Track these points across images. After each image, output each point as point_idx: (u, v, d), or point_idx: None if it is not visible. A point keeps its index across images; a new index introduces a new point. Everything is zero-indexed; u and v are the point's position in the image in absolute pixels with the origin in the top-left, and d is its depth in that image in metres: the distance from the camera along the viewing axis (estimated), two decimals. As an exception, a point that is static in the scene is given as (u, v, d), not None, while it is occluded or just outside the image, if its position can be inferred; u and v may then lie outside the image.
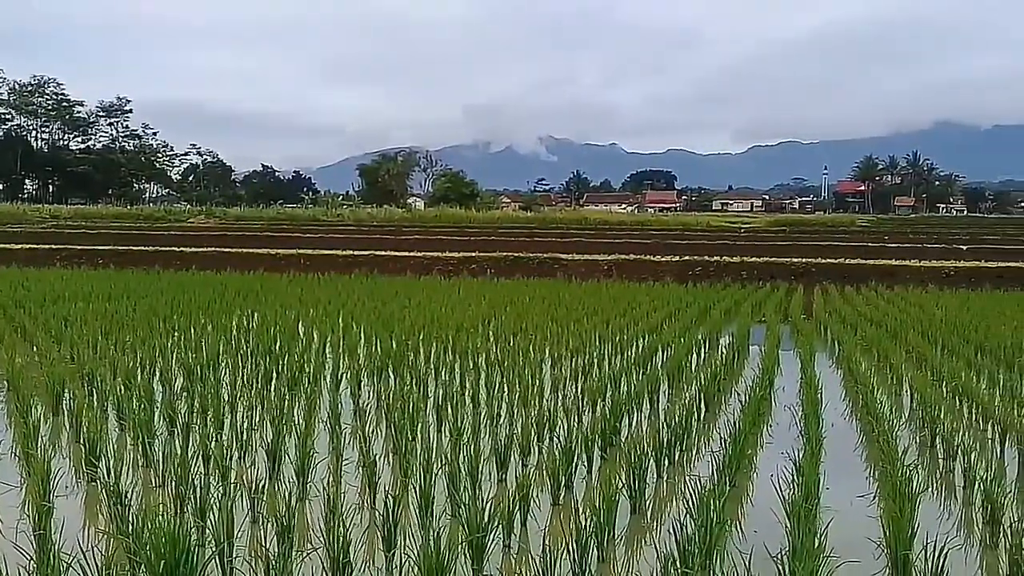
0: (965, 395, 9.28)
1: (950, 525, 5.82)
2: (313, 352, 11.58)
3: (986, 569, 5.15)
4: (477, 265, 27.13)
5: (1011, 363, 11.24)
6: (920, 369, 11.19)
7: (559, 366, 10.98)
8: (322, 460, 6.50)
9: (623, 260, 26.94)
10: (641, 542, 5.38)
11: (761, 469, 6.97)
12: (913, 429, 8.40)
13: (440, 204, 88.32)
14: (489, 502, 5.06)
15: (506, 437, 6.91)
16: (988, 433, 8.08)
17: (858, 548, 5.09)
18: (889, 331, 14.30)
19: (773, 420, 8.75)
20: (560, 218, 73.14)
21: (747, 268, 25.63)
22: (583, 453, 6.78)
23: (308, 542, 4.98)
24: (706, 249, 30.18)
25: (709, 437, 8.01)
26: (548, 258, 27.61)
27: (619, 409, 8.13)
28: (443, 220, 66.75)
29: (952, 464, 7.07)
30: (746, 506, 6.25)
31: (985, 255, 27.71)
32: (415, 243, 34.38)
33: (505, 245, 32.41)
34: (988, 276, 23.16)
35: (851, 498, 6.19)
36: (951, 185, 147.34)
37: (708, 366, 10.94)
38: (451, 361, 10.97)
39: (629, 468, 6.00)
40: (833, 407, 9.12)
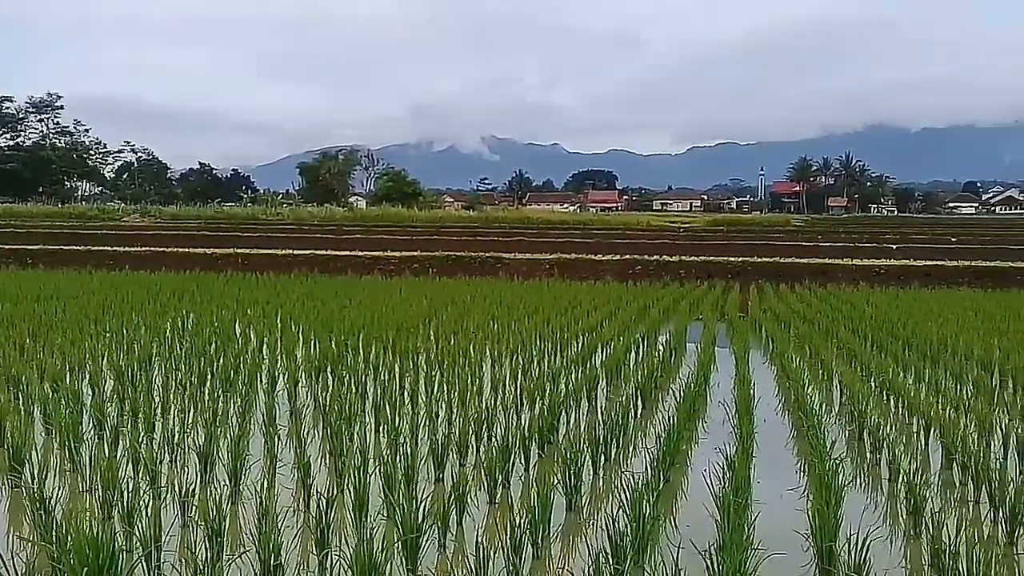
0: (892, 390, 9.54)
1: (875, 517, 5.98)
2: (249, 353, 11.41)
3: (909, 559, 5.30)
4: (419, 264, 27.05)
5: (936, 359, 11.59)
6: (850, 365, 11.47)
7: (499, 365, 11.02)
8: (256, 462, 6.42)
9: (565, 259, 27.10)
10: (576, 539, 5.43)
11: (695, 465, 7.08)
12: (842, 423, 8.61)
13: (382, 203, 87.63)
14: (424, 502, 5.05)
15: (444, 437, 6.91)
16: (913, 427, 8.32)
17: (786, 540, 5.20)
18: (821, 328, 14.63)
19: (708, 416, 8.89)
20: (503, 217, 73.15)
21: (686, 267, 25.98)
22: (520, 451, 6.81)
23: (240, 545, 4.92)
24: (646, 248, 30.51)
25: (645, 434, 8.11)
26: (490, 257, 27.64)
27: (557, 407, 8.19)
28: (385, 219, 66.28)
29: (878, 457, 7.27)
30: (680, 501, 6.35)
31: (914, 254, 28.49)
32: (356, 242, 34.14)
33: (447, 244, 32.35)
34: (916, 274, 23.83)
35: (781, 492, 6.33)
36: (882, 186, 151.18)
37: (646, 364, 11.07)
38: (390, 361, 10.92)
39: (565, 466, 6.05)
40: (766, 403, 9.30)
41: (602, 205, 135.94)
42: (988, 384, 9.94)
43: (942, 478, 6.93)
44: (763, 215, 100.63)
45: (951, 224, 71.72)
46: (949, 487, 6.70)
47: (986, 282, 22.81)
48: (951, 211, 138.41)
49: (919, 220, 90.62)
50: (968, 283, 22.86)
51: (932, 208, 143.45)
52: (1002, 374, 10.59)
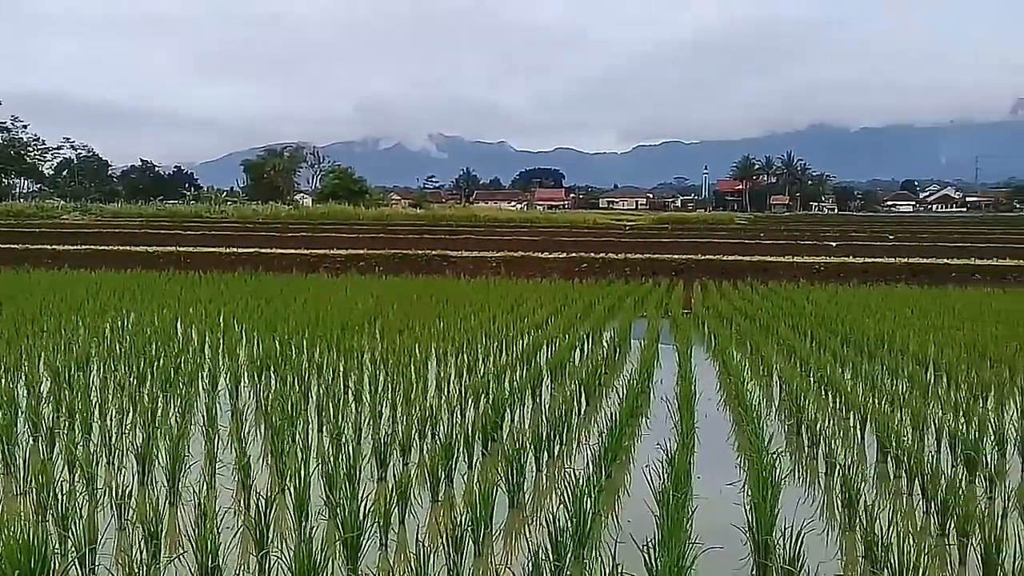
0: (830, 385, 9.75)
1: (812, 510, 6.11)
2: (191, 353, 11.25)
3: (844, 551, 5.43)
4: (365, 263, 26.88)
5: (873, 354, 11.87)
6: (789, 361, 11.70)
7: (444, 363, 11.01)
8: (195, 463, 6.34)
9: (511, 257, 27.14)
10: (519, 536, 5.46)
11: (637, 460, 7.16)
12: (781, 418, 8.77)
13: (328, 201, 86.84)
14: (364, 500, 5.04)
15: (387, 435, 6.89)
16: (850, 421, 8.51)
17: (724, 534, 5.29)
18: (762, 325, 14.88)
19: (651, 412, 9.00)
20: (450, 215, 72.96)
21: (631, 264, 26.20)
22: (464, 450, 6.82)
23: (178, 547, 4.86)
24: (592, 246, 30.71)
25: (589, 431, 8.18)
26: (437, 255, 27.58)
27: (501, 405, 8.22)
28: (331, 217, 65.65)
29: (816, 451, 7.43)
30: (622, 497, 6.42)
31: (853, 251, 29.12)
32: (302, 240, 33.78)
33: (394, 243, 32.20)
34: (855, 271, 24.37)
35: (720, 486, 6.43)
36: (823, 184, 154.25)
37: (590, 361, 11.16)
38: (335, 360, 10.84)
39: (508, 463, 6.08)
40: (708, 398, 9.44)
41: (549, 203, 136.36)
42: (923, 379, 10.21)
43: (877, 471, 7.11)
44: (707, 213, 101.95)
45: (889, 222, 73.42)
46: (884, 480, 6.88)
47: (922, 279, 23.41)
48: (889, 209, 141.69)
49: (858, 218, 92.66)
50: (905, 280, 23.44)
51: (871, 206, 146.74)
52: (936, 369, 10.88)
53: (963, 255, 27.11)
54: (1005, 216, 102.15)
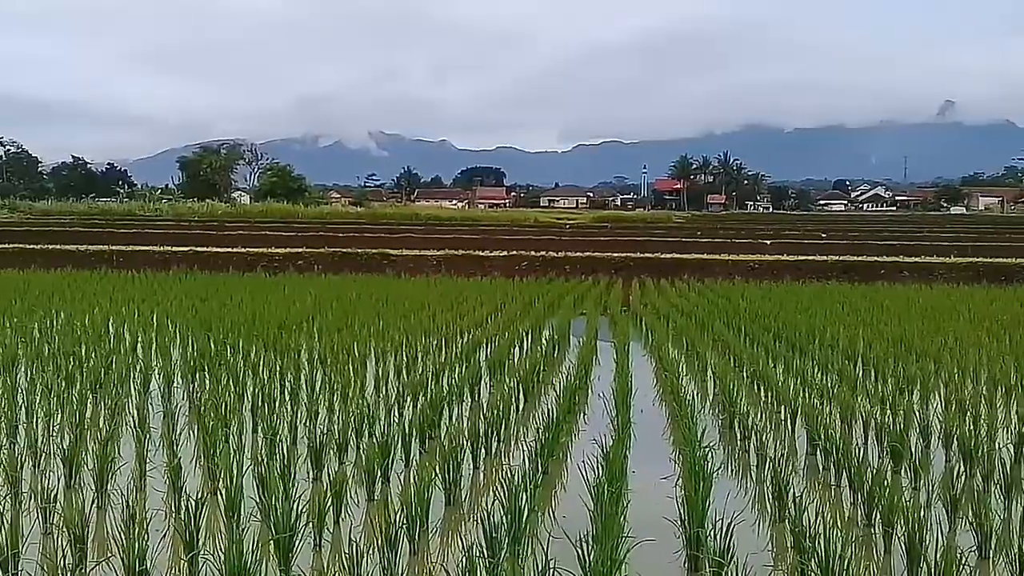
0: (762, 380, 9.95)
1: (743, 502, 6.23)
2: (123, 353, 11.01)
3: (774, 542, 5.55)
4: (304, 261, 26.60)
5: (804, 349, 12.14)
6: (724, 356, 11.89)
7: (383, 362, 10.96)
8: (125, 466, 6.21)
9: (452, 255, 27.11)
10: (455, 533, 5.47)
11: (574, 456, 7.22)
12: (715, 413, 8.92)
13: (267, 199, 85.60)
14: (298, 501, 4.99)
15: (323, 435, 6.83)
16: (781, 415, 8.69)
17: (658, 528, 5.37)
18: (698, 321, 15.11)
19: (589, 408, 9.08)
20: (391, 214, 72.50)
21: (571, 262, 26.37)
22: (401, 448, 6.80)
23: (105, 551, 4.76)
24: (533, 244, 30.83)
25: (527, 427, 8.22)
26: (377, 254, 27.42)
27: (440, 403, 8.22)
28: (269, 215, 64.74)
29: (748, 445, 7.57)
30: (559, 492, 6.47)
31: (787, 249, 29.73)
32: (239, 239, 33.25)
33: (334, 241, 31.89)
34: (788, 268, 24.89)
35: (655, 480, 6.52)
36: (758, 184, 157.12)
37: (529, 359, 11.20)
38: (271, 360, 10.71)
39: (445, 461, 6.08)
40: (644, 394, 9.55)
41: (491, 202, 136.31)
42: (852, 373, 10.47)
43: (807, 463, 7.28)
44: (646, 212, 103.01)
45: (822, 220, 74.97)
46: (813, 472, 7.05)
47: (853, 275, 24.01)
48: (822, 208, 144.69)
49: (792, 217, 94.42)
50: (836, 277, 24.01)
51: (805, 205, 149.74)
52: (864, 363, 11.16)
53: (892, 253, 27.86)
54: (932, 215, 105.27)
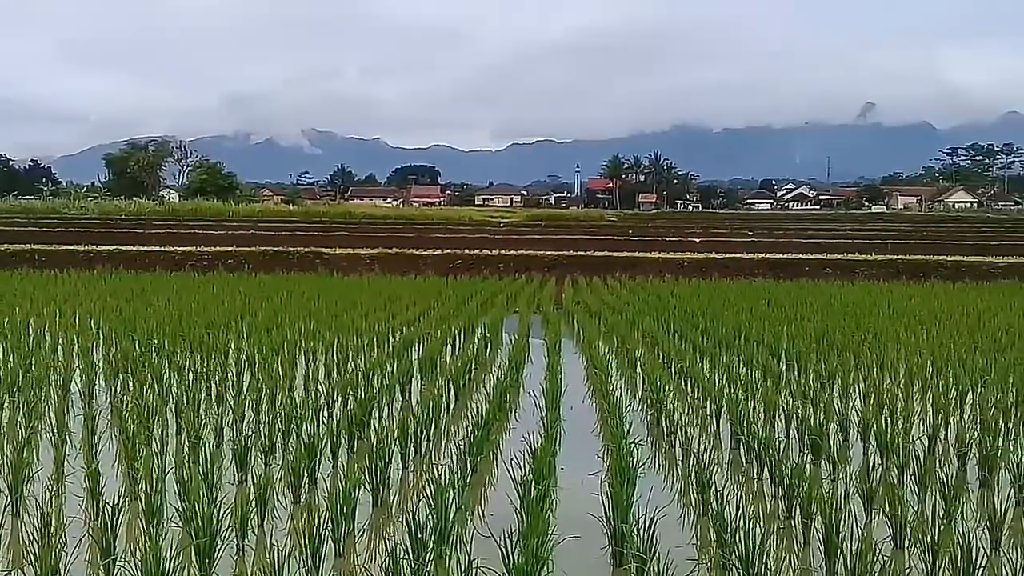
0: (689, 376, 10.12)
1: (668, 497, 6.34)
2: (43, 355, 10.68)
3: (698, 536, 5.65)
4: (234, 260, 26.16)
5: (730, 345, 12.38)
6: (653, 353, 12.07)
7: (312, 362, 10.85)
8: (41, 471, 6.04)
9: (386, 254, 26.95)
10: (382, 534, 5.44)
11: (504, 455, 7.24)
12: (643, 409, 9.05)
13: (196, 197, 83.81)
14: (221, 504, 4.92)
15: (249, 437, 6.74)
16: (707, 410, 8.85)
17: (584, 524, 5.42)
18: (628, 319, 15.29)
19: (520, 407, 9.12)
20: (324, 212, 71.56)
21: (504, 261, 26.41)
22: (328, 449, 6.74)
23: (19, 559, 4.62)
24: (467, 243, 30.79)
25: (457, 426, 8.22)
26: (310, 252, 27.10)
27: (369, 402, 8.17)
28: (199, 214, 63.38)
29: (674, 440, 7.70)
30: (488, 491, 6.49)
31: (715, 247, 30.22)
32: (167, 238, 32.53)
33: (265, 240, 31.38)
34: (716, 266, 25.32)
35: (583, 477, 6.58)
36: (687, 183, 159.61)
37: (461, 357, 11.21)
38: (197, 361, 10.51)
39: (373, 461, 6.05)
40: (575, 391, 9.64)
41: (425, 200, 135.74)
42: (775, 368, 10.72)
43: (731, 458, 7.43)
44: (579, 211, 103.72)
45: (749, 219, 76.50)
46: (737, 466, 7.20)
47: (778, 273, 24.54)
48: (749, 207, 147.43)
49: (721, 215, 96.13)
50: (762, 274, 24.52)
51: (733, 204, 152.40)
52: (788, 358, 11.43)
53: (816, 250, 28.56)
54: (855, 214, 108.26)
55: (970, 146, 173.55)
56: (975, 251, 29.29)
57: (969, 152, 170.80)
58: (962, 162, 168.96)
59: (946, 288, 21.43)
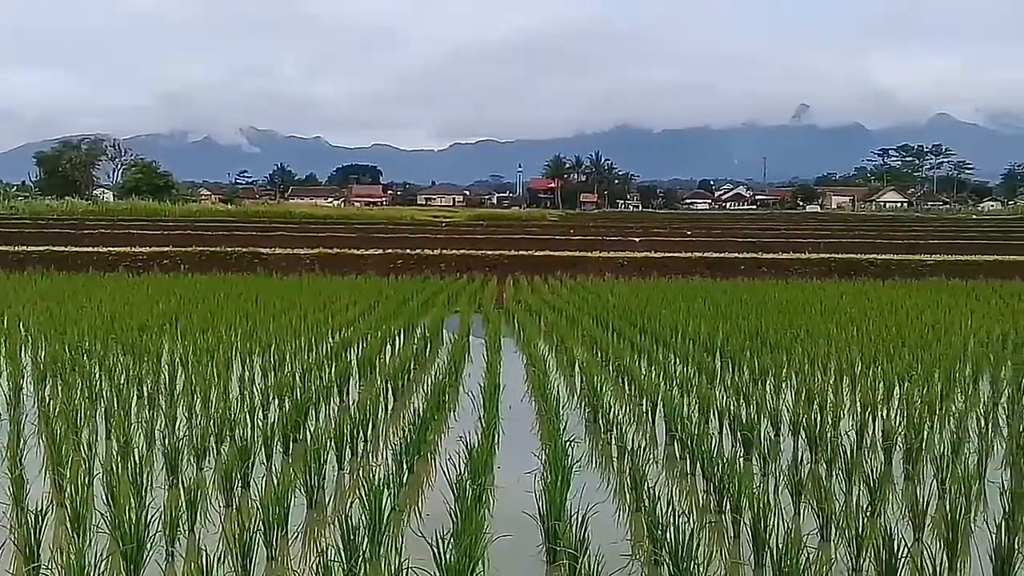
0: (627, 373, 10.23)
1: (604, 494, 6.40)
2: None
3: (632, 532, 5.72)
4: (170, 261, 25.70)
5: (667, 343, 12.55)
6: (591, 351, 12.17)
7: (248, 363, 10.71)
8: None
9: (326, 254, 26.73)
10: (316, 537, 5.40)
11: (442, 454, 7.25)
12: (581, 407, 9.12)
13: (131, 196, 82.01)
14: (149, 509, 4.83)
15: (181, 441, 6.62)
16: (643, 407, 8.96)
17: (519, 523, 5.44)
18: (568, 317, 15.39)
19: (459, 406, 9.13)
20: (263, 211, 70.58)
21: (446, 260, 26.38)
22: (263, 451, 6.67)
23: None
24: (408, 243, 30.68)
25: (396, 427, 8.19)
26: (248, 253, 26.73)
27: (306, 404, 8.10)
28: (134, 213, 62.04)
29: (610, 438, 7.77)
30: (425, 491, 6.48)
31: (654, 246, 30.60)
32: (100, 238, 31.81)
33: (202, 240, 30.87)
34: (655, 265, 25.63)
35: (519, 475, 6.61)
36: (628, 183, 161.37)
37: (400, 357, 11.16)
38: (129, 363, 10.30)
39: (308, 463, 6.00)
40: (514, 390, 9.67)
41: (367, 200, 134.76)
42: (710, 365, 10.89)
43: (665, 454, 7.54)
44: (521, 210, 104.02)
45: (688, 219, 77.45)
46: (671, 462, 7.30)
47: (715, 271, 24.92)
48: (688, 207, 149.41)
49: (660, 215, 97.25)
50: (700, 273, 24.87)
51: (672, 204, 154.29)
52: (723, 356, 11.62)
53: (752, 250, 29.07)
54: (790, 213, 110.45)
55: (900, 147, 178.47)
56: (904, 250, 30.14)
57: (900, 153, 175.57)
58: (893, 163, 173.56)
59: (876, 286, 22.01)
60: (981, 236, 41.35)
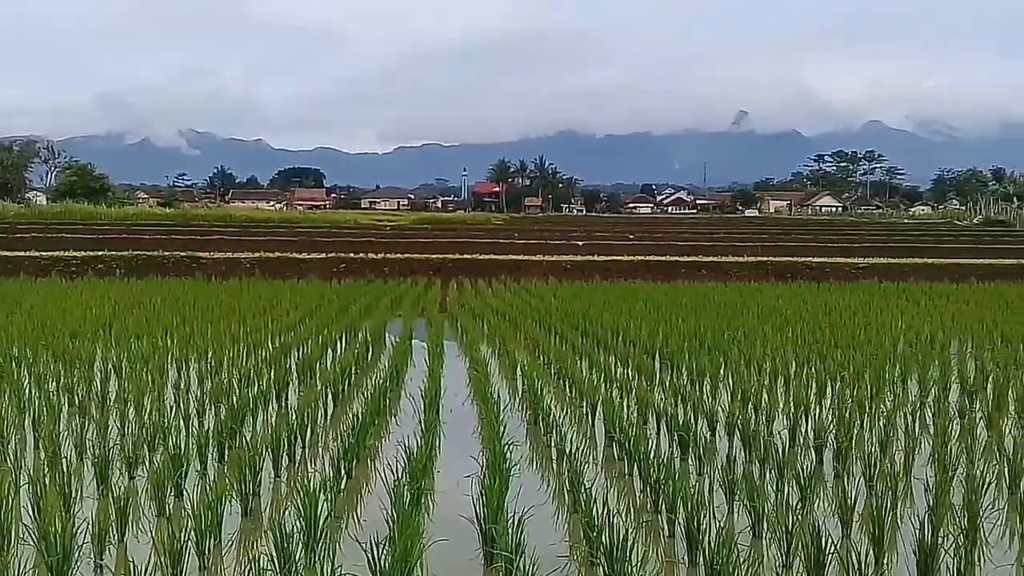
0: (568, 376, 10.30)
1: (543, 496, 6.44)
2: None
3: (570, 534, 5.76)
4: (105, 265, 25.17)
5: (608, 346, 12.66)
6: (534, 354, 12.23)
7: (184, 369, 10.53)
8: None
9: (267, 258, 26.42)
10: (250, 545, 5.34)
11: (382, 459, 7.22)
12: (522, 410, 9.16)
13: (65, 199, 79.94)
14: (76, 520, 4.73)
15: (112, 449, 6.49)
16: (583, 409, 9.03)
17: (457, 526, 5.45)
18: (510, 321, 15.44)
19: (400, 410, 9.10)
20: (203, 215, 69.37)
21: (390, 264, 26.26)
22: (197, 459, 6.57)
23: None
24: (352, 246, 30.42)
25: (336, 432, 8.12)
26: (186, 257, 26.29)
27: (243, 411, 7.99)
28: (68, 216, 60.48)
29: (550, 440, 7.82)
30: (364, 497, 6.45)
31: (597, 250, 30.84)
32: (32, 241, 31.01)
33: (139, 243, 30.27)
34: (598, 268, 25.84)
35: (459, 479, 6.61)
36: (572, 187, 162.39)
37: (341, 362, 11.08)
38: (60, 371, 10.05)
39: (243, 470, 5.92)
40: (456, 394, 9.67)
41: (309, 203, 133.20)
42: (649, 367, 11.01)
43: (604, 455, 7.61)
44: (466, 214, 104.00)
45: (631, 223, 78.24)
46: (609, 463, 7.37)
47: (656, 274, 25.22)
48: (631, 211, 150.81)
49: (604, 219, 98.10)
50: (641, 276, 25.15)
51: (615, 208, 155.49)
52: (662, 357, 11.76)
53: (692, 253, 29.48)
54: (729, 217, 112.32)
55: (835, 153, 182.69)
56: (839, 253, 30.81)
57: (834, 159, 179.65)
58: (828, 168, 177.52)
59: (811, 288, 22.48)
60: (912, 239, 42.49)
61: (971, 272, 25.53)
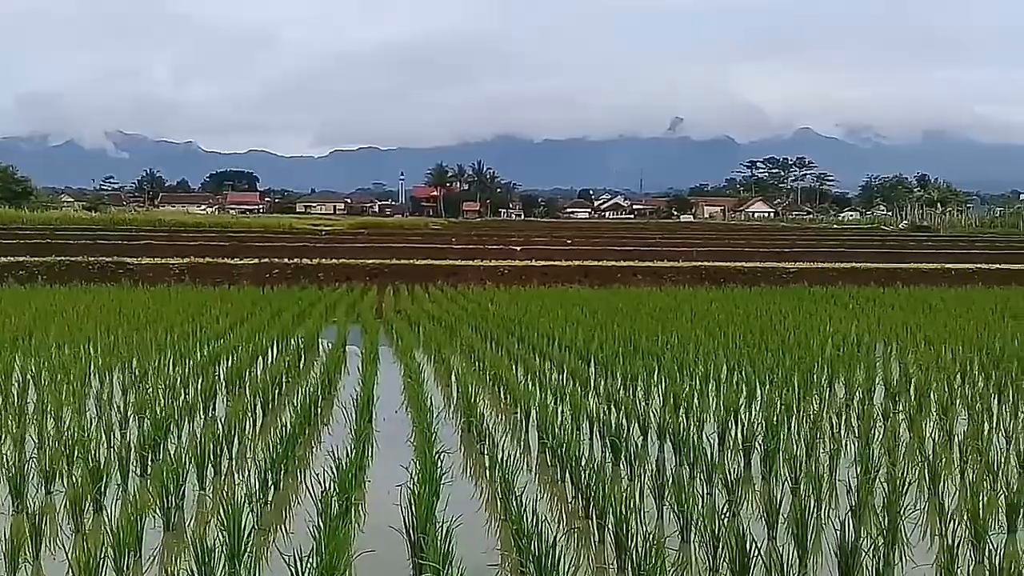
0: (502, 382, 10.28)
1: (475, 505, 6.41)
2: None
3: (501, 542, 5.73)
4: (26, 271, 24.40)
5: (543, 351, 12.68)
6: (469, 360, 12.18)
7: (107, 379, 10.23)
8: None
9: (197, 263, 25.88)
10: (173, 560, 5.19)
11: (312, 470, 7.10)
12: (457, 417, 9.11)
13: (-15, 203, 77.40)
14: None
15: (28, 463, 6.26)
16: (517, 416, 9.02)
17: (387, 536, 5.38)
18: (446, 327, 15.37)
19: (333, 419, 8.97)
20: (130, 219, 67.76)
21: (324, 270, 25.94)
22: (118, 473, 6.37)
23: None
24: (286, 252, 29.98)
25: (265, 443, 7.96)
26: (112, 262, 25.60)
27: (167, 422, 7.79)
28: (-13, 221, 58.55)
29: (483, 447, 7.79)
30: (293, 508, 6.33)
31: (535, 254, 30.93)
32: (-54, 248, 29.83)
33: (63, 248, 29.36)
34: (536, 273, 25.88)
35: (391, 488, 6.54)
36: (510, 192, 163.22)
37: (272, 371, 10.89)
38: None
39: (166, 483, 5.76)
40: (390, 401, 9.57)
41: (242, 207, 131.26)
42: (584, 373, 11.05)
43: (538, 462, 7.61)
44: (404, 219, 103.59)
45: (568, 227, 78.75)
46: (542, 470, 7.37)
47: (593, 279, 25.38)
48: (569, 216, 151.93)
49: (542, 224, 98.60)
50: (578, 280, 25.28)
51: (553, 213, 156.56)
52: (596, 362, 11.82)
53: (629, 258, 29.76)
54: (665, 222, 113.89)
55: (767, 160, 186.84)
56: (771, 258, 31.43)
57: (767, 165, 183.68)
58: (760, 174, 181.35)
59: (744, 292, 22.86)
60: (840, 244, 43.57)
61: (896, 276, 26.25)
